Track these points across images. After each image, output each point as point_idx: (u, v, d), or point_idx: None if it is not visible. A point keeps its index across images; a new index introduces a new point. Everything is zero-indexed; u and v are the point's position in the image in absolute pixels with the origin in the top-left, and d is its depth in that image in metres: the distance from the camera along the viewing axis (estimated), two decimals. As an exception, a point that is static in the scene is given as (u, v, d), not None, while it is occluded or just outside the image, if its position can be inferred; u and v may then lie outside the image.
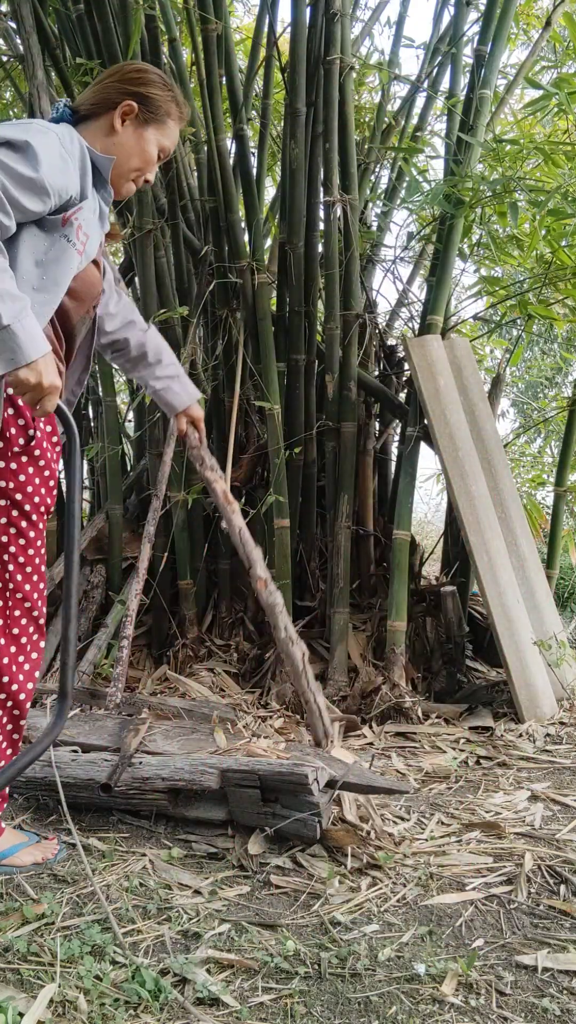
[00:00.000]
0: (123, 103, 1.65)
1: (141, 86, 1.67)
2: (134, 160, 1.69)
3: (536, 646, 3.01)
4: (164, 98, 1.70)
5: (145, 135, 1.69)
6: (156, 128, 1.70)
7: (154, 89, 1.68)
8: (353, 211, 3.37)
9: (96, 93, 1.67)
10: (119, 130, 1.66)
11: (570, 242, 3.18)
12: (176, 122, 1.75)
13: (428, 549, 4.33)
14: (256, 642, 3.42)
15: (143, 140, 1.69)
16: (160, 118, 1.70)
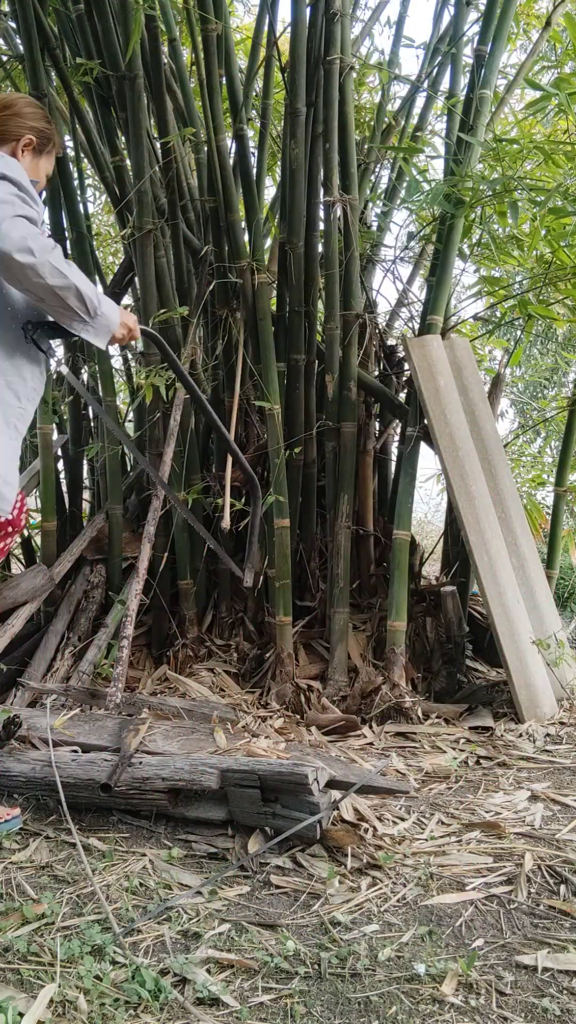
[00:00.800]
0: (24, 138, 1.96)
1: (36, 121, 1.98)
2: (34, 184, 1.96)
3: (535, 646, 3.01)
4: (51, 130, 2.01)
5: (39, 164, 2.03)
6: (47, 157, 2.04)
7: (43, 123, 2.00)
8: (353, 211, 3.37)
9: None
10: (20, 159, 1.96)
11: (570, 242, 3.18)
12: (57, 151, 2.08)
13: (428, 549, 4.33)
14: (256, 642, 3.42)
15: (37, 167, 2.02)
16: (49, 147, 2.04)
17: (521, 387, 8.55)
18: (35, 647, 3.21)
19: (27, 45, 3.27)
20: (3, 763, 2.13)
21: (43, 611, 3.34)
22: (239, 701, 2.99)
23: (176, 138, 3.34)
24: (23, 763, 2.12)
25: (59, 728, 2.33)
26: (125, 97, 3.24)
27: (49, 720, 2.34)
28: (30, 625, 3.29)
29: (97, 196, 5.12)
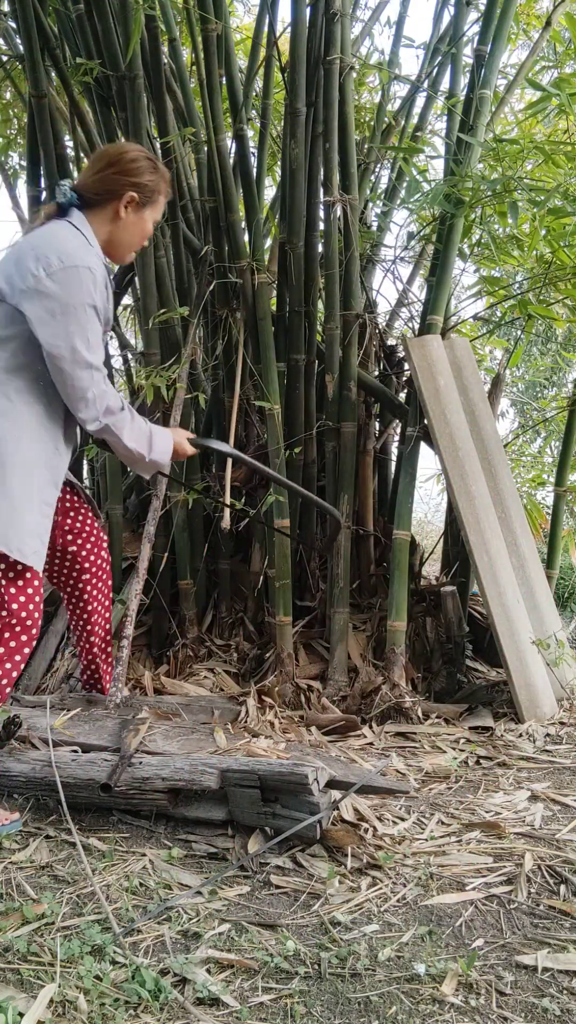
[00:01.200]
0: (125, 195, 1.97)
1: (137, 176, 1.98)
2: (135, 240, 2.06)
3: (535, 646, 3.01)
4: (154, 179, 2.02)
5: (144, 217, 2.04)
6: (152, 208, 2.05)
7: (146, 176, 2.00)
8: (353, 211, 3.37)
9: (100, 182, 1.97)
10: (123, 217, 2.00)
11: (570, 242, 3.18)
12: (165, 196, 2.09)
13: (428, 549, 4.33)
14: (256, 642, 3.42)
15: (142, 220, 2.04)
16: (154, 200, 2.04)
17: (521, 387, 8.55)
18: (35, 647, 3.21)
19: (27, 45, 3.28)
20: (3, 763, 2.13)
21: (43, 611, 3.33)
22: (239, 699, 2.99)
23: (176, 138, 3.34)
24: (23, 763, 2.12)
25: (59, 728, 2.33)
26: (125, 97, 3.24)
27: (49, 720, 2.34)
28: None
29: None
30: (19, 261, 1.86)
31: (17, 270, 1.86)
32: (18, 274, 1.86)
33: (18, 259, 1.87)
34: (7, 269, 1.88)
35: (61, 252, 1.84)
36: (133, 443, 1.99)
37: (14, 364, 1.90)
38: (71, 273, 1.83)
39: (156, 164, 2.03)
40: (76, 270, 1.84)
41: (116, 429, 1.95)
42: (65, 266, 1.83)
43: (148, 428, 2.05)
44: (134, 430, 2.00)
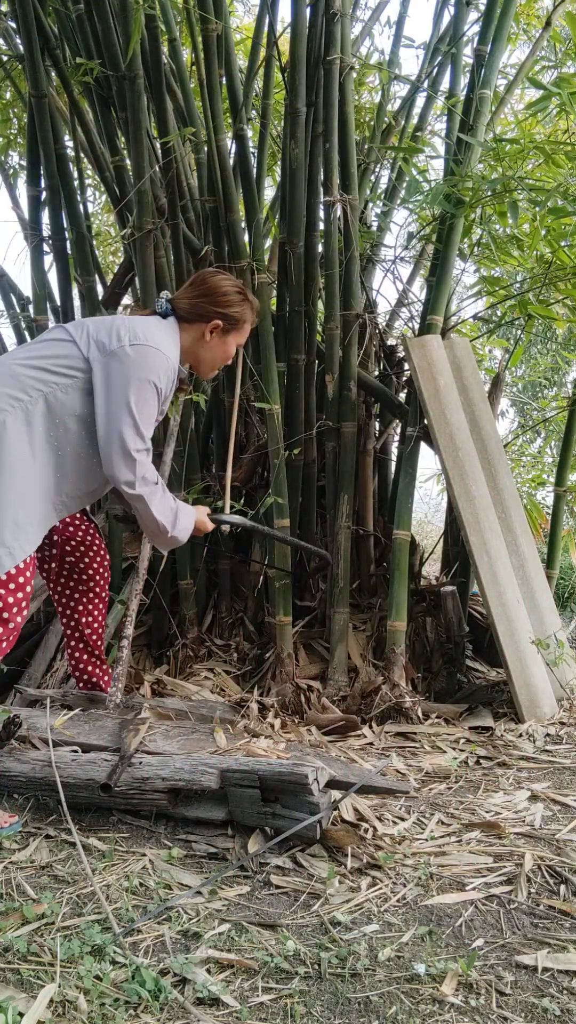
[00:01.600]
0: (212, 322, 2.15)
1: (227, 307, 2.15)
2: (217, 360, 2.24)
3: (535, 646, 3.01)
4: (242, 311, 2.18)
5: (228, 341, 2.21)
6: (236, 334, 2.22)
7: (235, 308, 2.16)
8: (353, 211, 3.37)
9: (193, 307, 2.15)
10: (207, 340, 2.18)
11: (570, 242, 3.18)
12: (251, 324, 2.26)
13: (428, 549, 4.33)
14: (256, 642, 3.42)
15: (226, 345, 2.22)
16: (239, 327, 2.21)
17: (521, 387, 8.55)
18: (35, 647, 3.21)
19: (27, 45, 3.28)
20: (3, 763, 2.13)
21: (43, 611, 3.34)
22: (239, 701, 2.99)
23: (176, 138, 3.34)
24: (23, 763, 2.12)
25: (59, 728, 2.33)
26: (125, 97, 3.24)
27: (49, 720, 2.34)
28: (30, 625, 3.29)
29: (97, 196, 5.12)
30: (112, 329, 2.02)
31: (108, 335, 2.02)
32: (99, 329, 2.03)
33: (112, 327, 2.03)
34: (100, 334, 2.02)
35: (149, 335, 2.02)
36: (160, 516, 2.10)
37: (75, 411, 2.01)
38: (150, 351, 1.99)
39: (246, 296, 2.20)
40: (156, 351, 2.00)
41: (148, 499, 2.06)
42: (147, 344, 2.00)
43: (175, 505, 2.16)
44: (163, 504, 2.11)
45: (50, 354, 2.00)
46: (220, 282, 2.18)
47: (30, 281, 3.67)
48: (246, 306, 2.20)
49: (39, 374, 1.97)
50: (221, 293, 2.16)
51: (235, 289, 2.18)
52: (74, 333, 2.03)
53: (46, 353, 2.01)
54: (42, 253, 3.71)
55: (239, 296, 2.18)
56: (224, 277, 2.21)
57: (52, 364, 1.98)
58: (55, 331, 2.08)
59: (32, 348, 2.05)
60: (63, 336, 2.04)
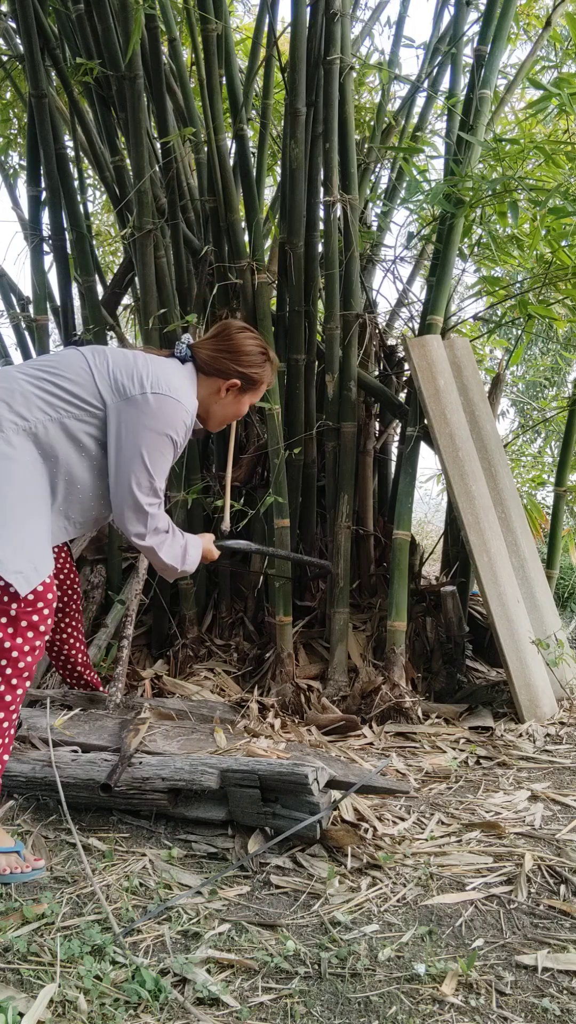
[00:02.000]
0: (231, 380, 2.10)
1: (248, 368, 2.11)
2: (228, 417, 2.19)
3: (535, 646, 3.01)
4: (262, 372, 2.14)
5: (242, 400, 2.17)
6: (252, 394, 2.18)
7: (256, 369, 2.12)
8: (353, 211, 3.37)
9: (214, 360, 2.09)
10: (223, 396, 2.13)
11: (570, 242, 3.18)
12: (268, 384, 2.22)
13: (428, 549, 4.33)
14: (256, 642, 3.42)
15: (240, 403, 2.17)
16: (256, 388, 2.17)
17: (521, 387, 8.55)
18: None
19: (27, 45, 3.28)
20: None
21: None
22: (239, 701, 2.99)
23: (176, 138, 3.34)
24: (23, 763, 2.12)
25: (59, 728, 2.33)
26: (125, 97, 3.24)
27: (49, 720, 2.34)
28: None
29: (97, 196, 5.12)
30: (133, 371, 1.95)
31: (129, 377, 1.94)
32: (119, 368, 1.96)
33: (133, 369, 1.95)
34: (120, 374, 1.94)
35: (171, 384, 1.96)
36: (170, 560, 2.07)
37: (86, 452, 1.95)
38: (171, 403, 1.93)
39: (268, 356, 2.16)
40: (177, 403, 1.94)
41: (158, 548, 2.03)
42: (168, 395, 1.93)
43: (184, 542, 2.12)
44: (173, 549, 2.08)
45: (65, 382, 1.91)
46: (245, 340, 2.12)
47: (30, 281, 3.67)
48: (267, 368, 2.16)
49: (50, 399, 1.89)
50: (244, 352, 2.11)
51: (259, 350, 2.13)
52: (92, 364, 1.94)
53: (60, 379, 1.91)
54: (42, 253, 3.71)
55: (262, 357, 2.14)
56: (250, 336, 2.15)
57: (65, 392, 1.90)
58: (73, 356, 1.97)
59: (47, 368, 1.94)
60: (81, 364, 1.94)
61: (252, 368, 2.11)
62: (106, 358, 1.97)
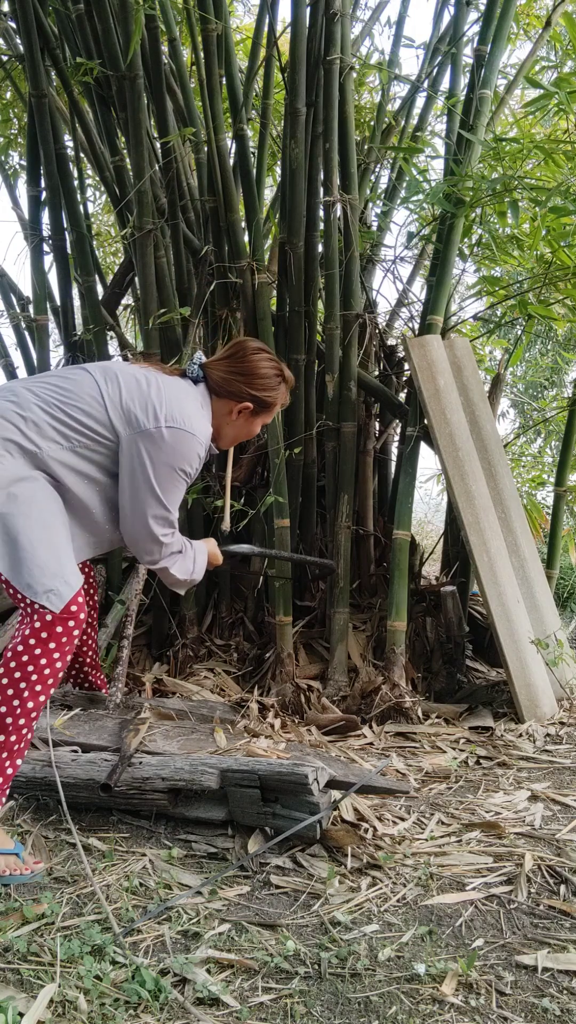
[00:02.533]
0: (243, 403, 2.07)
1: (261, 391, 2.07)
2: (240, 437, 2.17)
3: (535, 645, 3.01)
4: (275, 395, 2.10)
5: (254, 421, 2.14)
6: (265, 415, 2.14)
7: (269, 392, 2.08)
8: (353, 211, 3.37)
9: (226, 383, 2.05)
10: (234, 417, 2.10)
11: (570, 242, 3.18)
12: (281, 405, 2.19)
13: (428, 549, 4.33)
14: (256, 642, 3.42)
15: (251, 424, 2.14)
16: (270, 410, 2.13)
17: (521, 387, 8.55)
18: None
19: (27, 45, 3.28)
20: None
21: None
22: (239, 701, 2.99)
23: (176, 138, 3.34)
24: (23, 763, 2.12)
25: (59, 728, 2.33)
26: (125, 97, 3.24)
27: (49, 720, 2.34)
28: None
29: (97, 196, 5.12)
30: (147, 401, 1.91)
31: (143, 408, 1.90)
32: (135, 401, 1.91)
33: (147, 399, 1.91)
34: (133, 404, 1.90)
35: (185, 415, 1.91)
36: (180, 574, 2.09)
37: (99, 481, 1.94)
38: (186, 437, 1.90)
39: (283, 377, 2.12)
40: (192, 437, 1.91)
41: (170, 567, 2.06)
42: (183, 429, 1.90)
43: (193, 554, 2.11)
44: (184, 563, 2.08)
45: (78, 412, 1.86)
46: (260, 363, 2.07)
47: (30, 281, 3.67)
48: (281, 389, 2.12)
49: (63, 429, 1.85)
50: (259, 376, 2.06)
51: (274, 372, 2.09)
52: (105, 392, 1.89)
53: (74, 409, 1.87)
54: (42, 253, 3.71)
55: (277, 380, 2.10)
56: (265, 357, 2.10)
57: (77, 423, 1.86)
58: (86, 383, 1.91)
59: (60, 396, 1.88)
60: (94, 393, 1.89)
61: (266, 392, 2.08)
62: (119, 385, 1.91)
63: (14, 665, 1.73)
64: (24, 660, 1.73)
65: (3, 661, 1.74)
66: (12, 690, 1.72)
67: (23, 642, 1.74)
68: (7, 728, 1.72)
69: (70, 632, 1.78)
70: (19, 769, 2.08)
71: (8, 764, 1.75)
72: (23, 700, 1.73)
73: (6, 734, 1.72)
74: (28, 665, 1.73)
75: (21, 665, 1.72)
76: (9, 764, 1.76)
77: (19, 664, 1.72)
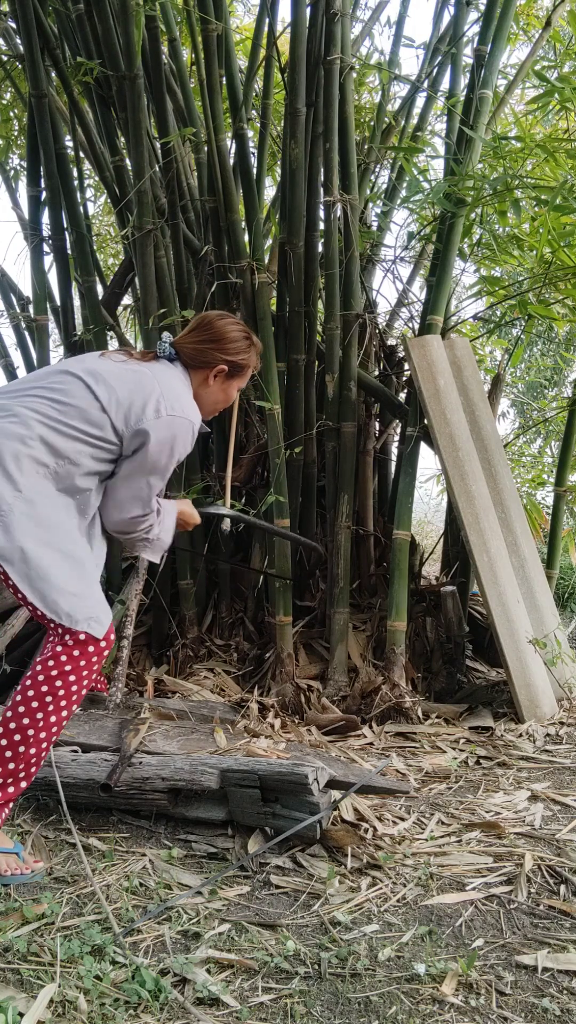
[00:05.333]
0: (216, 367, 2.09)
1: (234, 355, 2.09)
2: (218, 404, 2.17)
3: (532, 644, 3.01)
4: (246, 357, 2.12)
5: (230, 385, 2.15)
6: (239, 379, 2.16)
7: (241, 355, 2.10)
8: (353, 211, 3.37)
9: (199, 353, 2.08)
10: (210, 384, 2.11)
11: (570, 242, 3.18)
12: (254, 368, 2.20)
13: (428, 549, 4.33)
14: (256, 642, 3.42)
15: (228, 389, 2.15)
16: (243, 372, 2.15)
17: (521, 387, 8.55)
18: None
19: (27, 45, 3.28)
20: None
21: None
22: (239, 701, 2.99)
23: (176, 138, 3.34)
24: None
25: (59, 728, 2.33)
26: (125, 97, 3.24)
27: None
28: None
29: (97, 196, 5.12)
30: (145, 398, 1.91)
31: (131, 395, 1.91)
32: (131, 397, 1.92)
33: (144, 397, 1.92)
34: (133, 404, 1.90)
35: (180, 400, 1.96)
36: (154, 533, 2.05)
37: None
38: (182, 424, 1.94)
39: (252, 341, 2.15)
40: (187, 422, 1.95)
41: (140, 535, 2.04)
42: (181, 417, 1.94)
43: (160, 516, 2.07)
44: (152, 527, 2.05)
45: (82, 423, 1.87)
46: (226, 327, 2.11)
47: (30, 281, 3.67)
48: (252, 351, 2.15)
49: (71, 442, 1.87)
50: (228, 340, 2.10)
51: (242, 335, 2.13)
52: (100, 397, 1.89)
53: (76, 420, 1.87)
54: (42, 253, 3.71)
55: (246, 342, 2.13)
56: (230, 321, 2.14)
57: (84, 435, 1.87)
58: (79, 393, 1.90)
59: (61, 410, 1.88)
60: (91, 402, 1.89)
61: (238, 355, 2.10)
62: (110, 386, 1.91)
63: (42, 679, 1.75)
64: (54, 675, 1.75)
65: (32, 674, 1.77)
66: (38, 703, 1.74)
67: (54, 657, 1.76)
68: (28, 740, 1.73)
69: (101, 654, 1.81)
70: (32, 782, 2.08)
71: (23, 775, 1.76)
72: (47, 714, 1.75)
73: (27, 746, 1.74)
74: (57, 680, 1.75)
75: (50, 679, 1.75)
76: (24, 776, 1.77)
77: (48, 678, 1.75)
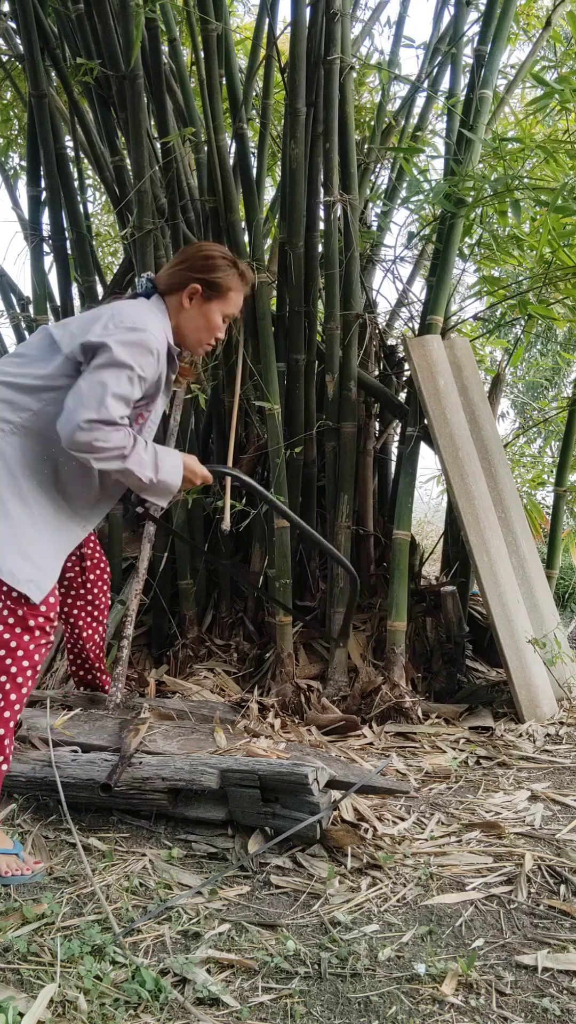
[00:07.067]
0: (190, 286, 1.99)
1: (208, 272, 2.00)
2: (201, 331, 2.05)
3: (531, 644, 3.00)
4: (227, 277, 2.02)
5: (210, 309, 2.03)
6: (220, 302, 2.04)
7: (216, 273, 2.01)
8: (353, 211, 3.37)
9: (171, 276, 2.01)
10: (186, 307, 2.01)
11: (570, 242, 3.18)
12: (238, 292, 2.07)
13: (428, 549, 4.33)
14: (256, 642, 3.42)
15: (208, 313, 2.03)
16: (223, 294, 2.03)
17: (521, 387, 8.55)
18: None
19: (27, 45, 3.28)
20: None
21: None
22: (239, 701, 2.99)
23: (176, 138, 3.34)
24: (23, 763, 2.12)
25: (59, 728, 2.33)
26: (125, 97, 3.24)
27: (49, 720, 2.34)
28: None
29: (97, 196, 5.12)
30: (96, 321, 1.85)
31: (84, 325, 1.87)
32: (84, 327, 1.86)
33: (97, 319, 1.86)
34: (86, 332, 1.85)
35: (137, 319, 1.87)
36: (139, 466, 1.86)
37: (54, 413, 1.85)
38: (138, 332, 1.84)
39: (233, 263, 2.05)
40: (145, 332, 1.85)
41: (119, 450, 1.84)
42: (134, 328, 1.84)
43: (152, 449, 1.92)
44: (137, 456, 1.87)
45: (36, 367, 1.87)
46: (202, 247, 2.06)
47: (30, 281, 3.67)
48: (231, 272, 2.03)
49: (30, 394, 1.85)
50: (202, 257, 2.01)
51: (219, 254, 2.04)
52: (60, 340, 1.88)
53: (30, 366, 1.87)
54: (42, 253, 3.71)
55: (224, 262, 2.03)
56: (209, 244, 2.08)
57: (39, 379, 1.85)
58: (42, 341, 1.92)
59: (20, 363, 1.90)
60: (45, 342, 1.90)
61: (212, 273, 2.00)
62: (69, 326, 1.90)
63: None
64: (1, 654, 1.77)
65: None
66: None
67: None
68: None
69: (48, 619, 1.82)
70: (12, 769, 2.09)
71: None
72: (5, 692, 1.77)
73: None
74: (6, 658, 1.77)
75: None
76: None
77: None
